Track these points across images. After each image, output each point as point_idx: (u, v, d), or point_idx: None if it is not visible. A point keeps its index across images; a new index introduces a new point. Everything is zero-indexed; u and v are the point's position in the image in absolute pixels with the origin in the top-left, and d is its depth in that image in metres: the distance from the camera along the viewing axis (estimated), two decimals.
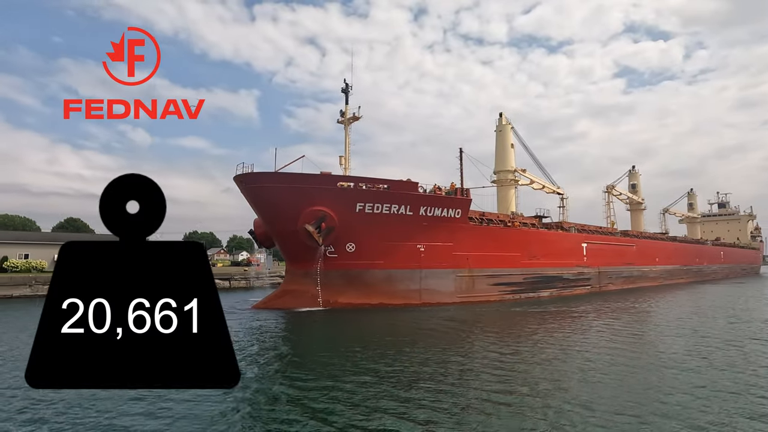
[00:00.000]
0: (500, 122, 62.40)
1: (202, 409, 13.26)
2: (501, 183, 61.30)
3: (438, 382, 16.30)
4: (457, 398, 14.57)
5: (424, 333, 27.96)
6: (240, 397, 14.39)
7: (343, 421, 12.40)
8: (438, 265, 42.52)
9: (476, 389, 15.41)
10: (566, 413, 12.91)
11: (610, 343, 23.54)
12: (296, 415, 12.99)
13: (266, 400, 14.55)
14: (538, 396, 14.68)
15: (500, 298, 46.10)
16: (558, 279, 53.33)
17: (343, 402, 13.97)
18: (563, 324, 31.36)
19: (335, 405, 13.68)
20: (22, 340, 23.92)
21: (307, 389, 15.31)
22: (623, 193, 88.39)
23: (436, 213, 42.09)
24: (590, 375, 17.14)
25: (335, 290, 39.14)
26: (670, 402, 13.91)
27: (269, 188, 38.62)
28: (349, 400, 14.17)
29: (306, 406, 13.67)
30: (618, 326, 29.81)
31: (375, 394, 14.74)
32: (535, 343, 24.20)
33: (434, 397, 14.51)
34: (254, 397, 14.77)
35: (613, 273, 63.60)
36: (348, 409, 13.37)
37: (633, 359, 19.98)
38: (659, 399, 14.25)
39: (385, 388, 15.45)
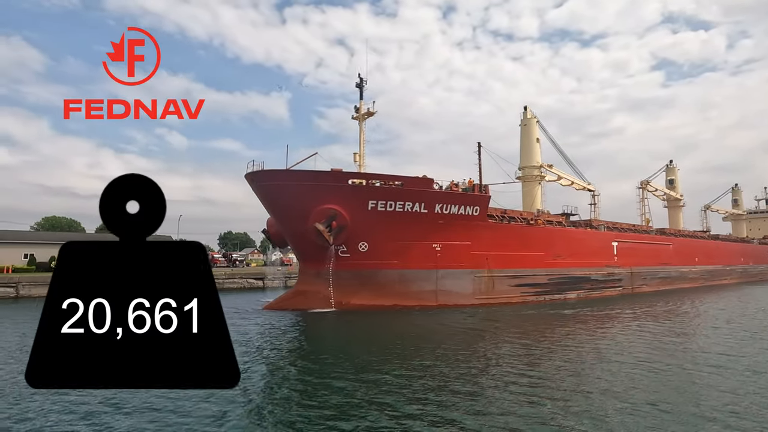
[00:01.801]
0: (525, 116, 58.94)
1: (203, 408, 12.85)
2: (526, 179, 57.85)
3: (458, 394, 14.28)
4: (480, 410, 12.76)
5: (440, 336, 25.87)
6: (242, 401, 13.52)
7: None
8: (455, 265, 39.95)
9: (500, 400, 13.61)
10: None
11: (646, 352, 20.66)
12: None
13: (269, 402, 13.89)
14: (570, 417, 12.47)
15: (522, 299, 43.05)
16: (586, 280, 49.62)
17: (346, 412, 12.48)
18: (592, 328, 28.27)
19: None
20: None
21: (309, 396, 14.06)
22: (659, 189, 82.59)
23: (453, 211, 39.51)
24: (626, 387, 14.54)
25: (348, 291, 37.22)
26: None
27: (279, 186, 37.12)
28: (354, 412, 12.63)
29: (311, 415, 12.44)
30: (657, 332, 26.66)
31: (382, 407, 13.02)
32: (562, 349, 21.54)
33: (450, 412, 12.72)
34: (256, 400, 13.95)
35: (648, 274, 59.00)
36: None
37: (684, 376, 16.91)
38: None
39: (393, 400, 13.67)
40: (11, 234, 68.26)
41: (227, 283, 60.92)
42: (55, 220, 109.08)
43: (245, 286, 61.72)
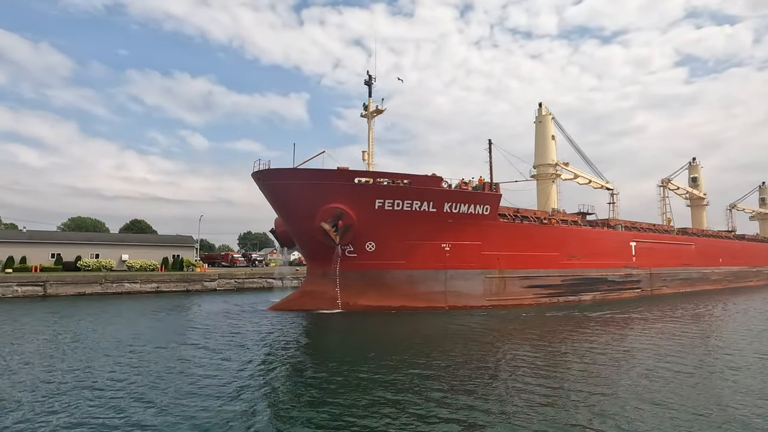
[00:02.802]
0: (540, 112, 56.87)
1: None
2: (541, 177, 55.76)
3: (469, 407, 12.97)
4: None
5: (450, 339, 24.62)
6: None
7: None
8: (465, 265, 38.48)
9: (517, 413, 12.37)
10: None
11: (668, 358, 18.91)
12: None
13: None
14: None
15: (535, 301, 41.26)
16: (602, 281, 47.44)
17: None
18: (610, 332, 26.44)
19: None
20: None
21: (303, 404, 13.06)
22: (681, 188, 79.12)
23: (462, 209, 38.02)
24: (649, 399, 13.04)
25: (355, 292, 36.14)
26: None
27: (285, 185, 36.26)
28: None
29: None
30: (679, 336, 24.76)
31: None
32: (578, 355, 19.91)
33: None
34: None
35: (668, 275, 56.31)
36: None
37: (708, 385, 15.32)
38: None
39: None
40: (39, 234, 69.20)
41: (247, 282, 60.75)
42: (81, 220, 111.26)
43: (264, 285, 61.49)
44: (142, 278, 53.83)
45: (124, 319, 31.61)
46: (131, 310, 36.67)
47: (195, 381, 15.47)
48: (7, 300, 44.42)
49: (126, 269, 59.83)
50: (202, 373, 16.55)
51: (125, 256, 62.25)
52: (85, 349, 21.14)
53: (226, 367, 17.51)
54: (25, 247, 58.91)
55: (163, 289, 54.00)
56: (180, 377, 15.95)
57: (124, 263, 61.09)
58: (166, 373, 16.45)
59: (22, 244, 59.40)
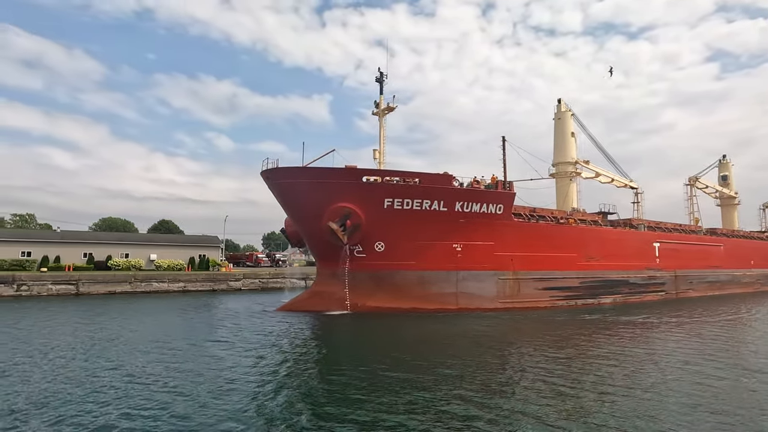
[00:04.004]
0: (559, 109, 54.29)
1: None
2: (560, 176, 53.18)
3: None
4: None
5: (468, 342, 23.24)
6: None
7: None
8: (477, 266, 36.61)
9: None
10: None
11: (696, 369, 16.84)
12: None
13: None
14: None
15: (551, 304, 38.97)
16: (623, 283, 44.64)
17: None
18: (632, 337, 24.17)
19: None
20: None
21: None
22: (710, 186, 74.65)
23: (474, 209, 36.15)
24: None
25: (364, 293, 34.75)
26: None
27: (292, 184, 35.17)
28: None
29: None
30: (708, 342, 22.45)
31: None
32: (599, 364, 17.99)
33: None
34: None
35: (694, 277, 52.81)
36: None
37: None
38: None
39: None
40: (72, 234, 70.50)
41: (271, 282, 60.31)
42: (111, 221, 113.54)
43: (288, 286, 61.06)
44: (170, 278, 54.24)
45: (155, 317, 32.01)
46: (161, 309, 36.99)
47: (232, 378, 15.43)
48: (42, 298, 45.17)
49: (154, 268, 60.26)
50: (236, 370, 16.58)
51: (153, 256, 62.81)
52: (125, 345, 21.43)
53: (250, 365, 17.47)
54: (59, 247, 59.89)
55: (189, 288, 54.34)
56: (215, 374, 16.05)
57: (153, 263, 61.60)
58: (204, 370, 16.53)
59: (56, 243, 60.45)
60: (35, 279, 47.64)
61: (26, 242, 59.14)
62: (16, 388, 14.21)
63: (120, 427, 10.92)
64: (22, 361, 17.98)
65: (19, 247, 57.98)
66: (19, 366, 17.22)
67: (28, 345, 21.36)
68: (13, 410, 12.11)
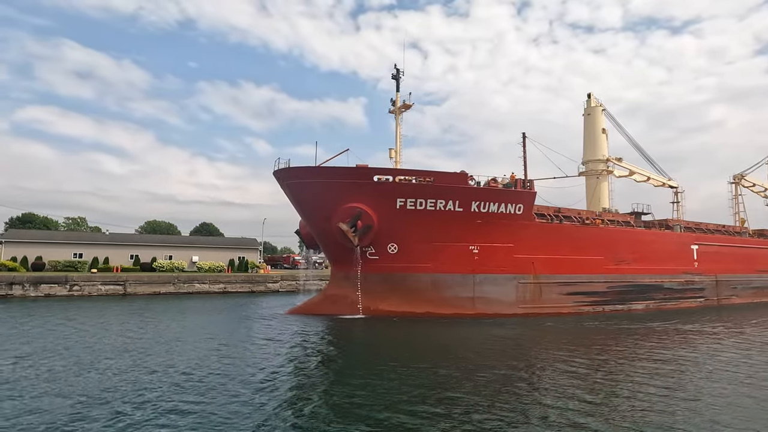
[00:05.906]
0: (588, 104, 50.24)
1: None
2: (590, 174, 49.10)
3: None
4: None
5: (489, 349, 21.07)
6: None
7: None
8: (495, 269, 33.79)
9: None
10: None
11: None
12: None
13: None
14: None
15: (576, 310, 35.48)
16: (656, 288, 40.30)
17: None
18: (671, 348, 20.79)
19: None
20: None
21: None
22: (758, 185, 67.48)
23: (492, 209, 33.37)
24: None
25: (376, 296, 32.72)
26: None
27: (303, 184, 33.61)
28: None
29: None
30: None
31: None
32: (632, 378, 15.30)
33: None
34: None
35: (738, 282, 47.32)
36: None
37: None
38: None
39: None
40: (119, 236, 72.48)
41: (308, 284, 59.16)
42: (156, 223, 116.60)
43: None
44: (211, 279, 54.58)
45: (201, 317, 31.86)
46: (205, 309, 36.97)
47: (268, 377, 15.31)
48: (93, 298, 46.06)
49: (196, 270, 60.76)
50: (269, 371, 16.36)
51: (196, 258, 63.58)
52: (183, 342, 21.79)
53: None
54: (108, 249, 61.55)
55: (229, 289, 54.51)
56: (258, 372, 16.09)
57: (195, 264, 62.19)
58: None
59: (105, 245, 62.14)
60: (86, 279, 49.00)
61: (78, 244, 61.16)
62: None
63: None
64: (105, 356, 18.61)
65: (72, 249, 59.93)
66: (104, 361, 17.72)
67: (105, 340, 22.14)
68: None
